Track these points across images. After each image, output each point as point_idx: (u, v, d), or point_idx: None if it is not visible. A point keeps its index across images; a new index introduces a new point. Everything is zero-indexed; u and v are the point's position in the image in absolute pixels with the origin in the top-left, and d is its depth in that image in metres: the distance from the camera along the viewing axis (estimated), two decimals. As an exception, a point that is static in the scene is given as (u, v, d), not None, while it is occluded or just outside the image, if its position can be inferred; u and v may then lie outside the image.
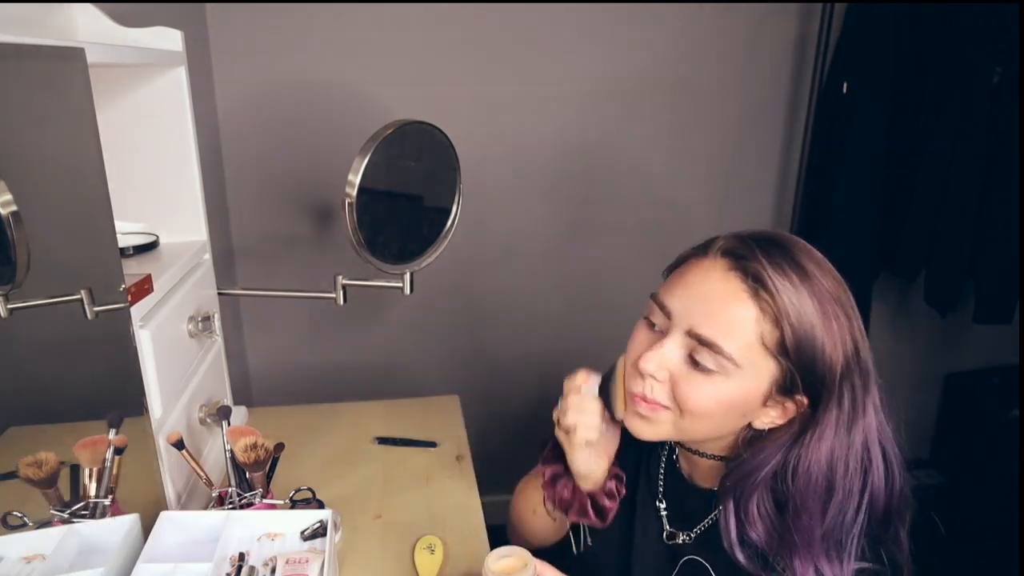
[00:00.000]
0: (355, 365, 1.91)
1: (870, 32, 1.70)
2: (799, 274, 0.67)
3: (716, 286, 0.69)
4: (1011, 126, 1.69)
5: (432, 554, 0.96)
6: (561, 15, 1.69)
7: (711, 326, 0.68)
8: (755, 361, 0.67)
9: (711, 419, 0.72)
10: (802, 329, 0.66)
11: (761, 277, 0.67)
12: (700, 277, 0.70)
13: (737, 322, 0.67)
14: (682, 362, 0.70)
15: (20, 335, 0.71)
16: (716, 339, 0.67)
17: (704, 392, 0.69)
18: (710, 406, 0.70)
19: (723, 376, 0.68)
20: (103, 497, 0.81)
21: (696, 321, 0.69)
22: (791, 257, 0.68)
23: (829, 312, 0.67)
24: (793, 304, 0.66)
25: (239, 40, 1.58)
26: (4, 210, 0.59)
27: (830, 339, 0.67)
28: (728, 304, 0.67)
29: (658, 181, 1.88)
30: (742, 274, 0.68)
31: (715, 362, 0.68)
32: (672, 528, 0.83)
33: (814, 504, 0.68)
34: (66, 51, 0.70)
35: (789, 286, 0.66)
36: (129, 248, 0.99)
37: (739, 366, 0.67)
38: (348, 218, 0.94)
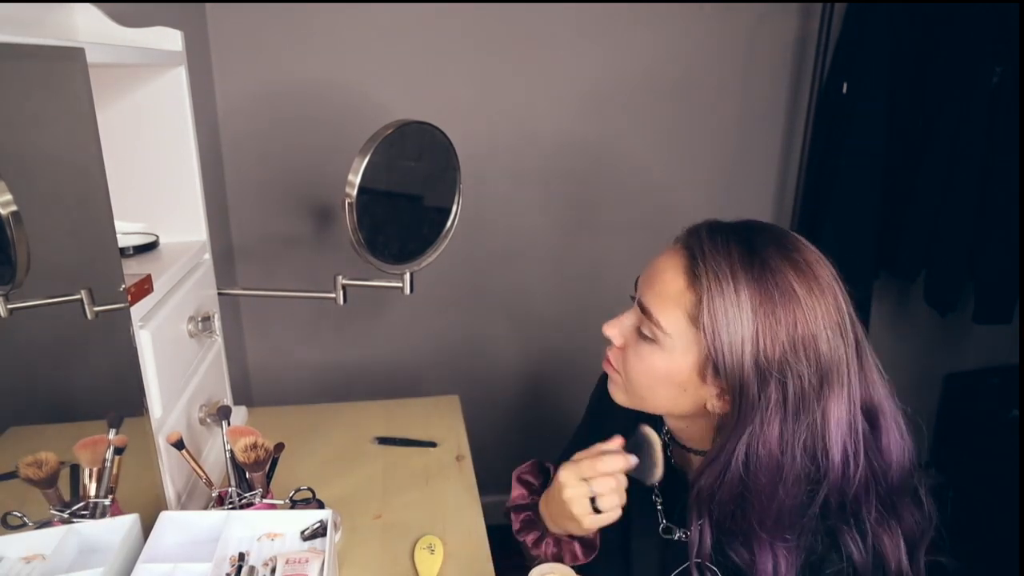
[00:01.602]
0: (355, 365, 1.91)
1: (870, 32, 1.70)
2: (745, 257, 0.67)
3: (665, 262, 0.73)
4: (1011, 126, 1.69)
5: (432, 554, 0.96)
6: (561, 15, 1.69)
7: (649, 296, 0.73)
8: (683, 333, 0.70)
9: (651, 388, 0.75)
10: (722, 309, 0.66)
11: (697, 253, 0.70)
12: (661, 256, 0.75)
13: (668, 293, 0.71)
14: (634, 331, 0.76)
15: (20, 335, 0.71)
16: (650, 307, 0.72)
17: (639, 359, 0.74)
18: (645, 373, 0.74)
19: (657, 346, 0.72)
20: (103, 497, 0.81)
21: (643, 293, 0.74)
22: (747, 240, 0.69)
23: (773, 299, 0.66)
24: (719, 283, 0.67)
25: (239, 40, 1.58)
26: (4, 210, 0.59)
27: (763, 327, 0.66)
28: (665, 276, 0.72)
29: (658, 181, 1.89)
30: (685, 250, 0.72)
31: (650, 330, 0.72)
32: (669, 523, 0.84)
33: (765, 486, 0.68)
34: (66, 51, 0.70)
35: (724, 266, 0.67)
36: (129, 248, 0.99)
37: (667, 334, 0.71)
38: (348, 218, 0.94)
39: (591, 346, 2.03)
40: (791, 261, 0.68)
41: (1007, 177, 1.73)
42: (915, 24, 1.71)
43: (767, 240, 0.70)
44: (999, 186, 1.75)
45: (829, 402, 0.67)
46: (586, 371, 2.14)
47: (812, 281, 0.68)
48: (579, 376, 2.07)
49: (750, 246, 0.69)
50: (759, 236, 0.70)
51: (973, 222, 1.78)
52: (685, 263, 0.70)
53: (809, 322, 0.66)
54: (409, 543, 0.99)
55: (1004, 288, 1.81)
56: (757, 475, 0.68)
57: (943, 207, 1.78)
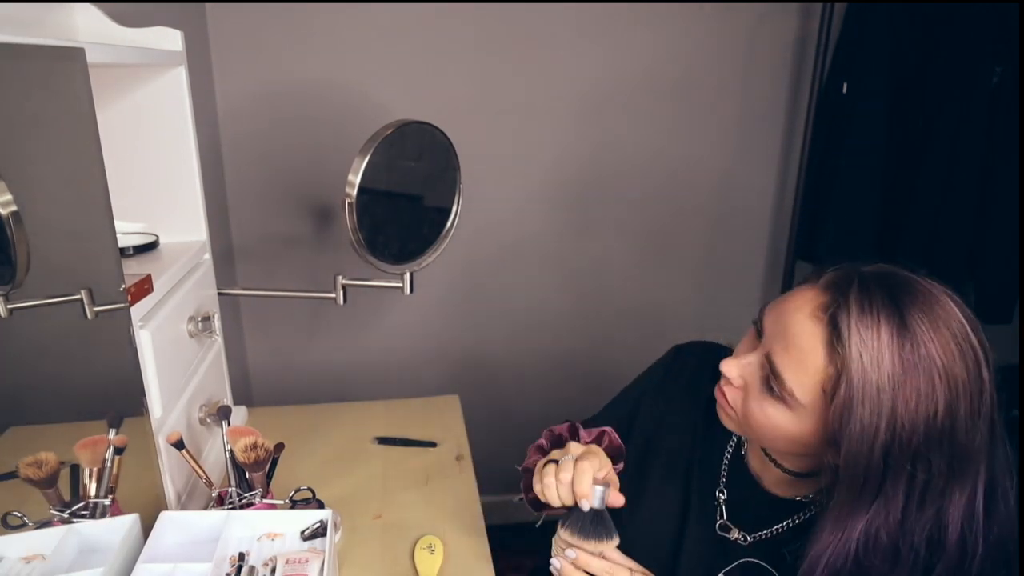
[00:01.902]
0: (355, 365, 1.91)
1: (870, 32, 1.70)
2: (894, 330, 0.62)
3: (800, 321, 0.67)
4: (1011, 126, 1.69)
5: (432, 554, 0.96)
6: (561, 15, 1.69)
7: (783, 358, 0.68)
8: (815, 404, 0.66)
9: (772, 440, 0.73)
10: (860, 396, 0.62)
11: (840, 326, 0.63)
12: (794, 306, 0.69)
13: (806, 362, 0.66)
14: (758, 378, 0.71)
15: (20, 335, 0.71)
16: (783, 372, 0.67)
17: (761, 413, 0.71)
18: (765, 427, 0.71)
19: (785, 406, 0.68)
20: (103, 497, 0.81)
21: (774, 347, 0.69)
22: (896, 308, 0.63)
23: (917, 383, 0.61)
24: (862, 366, 0.61)
25: (239, 40, 1.58)
26: (4, 210, 0.59)
27: (901, 415, 0.61)
28: (803, 343, 0.66)
29: (658, 181, 1.88)
30: (826, 316, 0.65)
31: (781, 392, 0.68)
32: (729, 521, 0.82)
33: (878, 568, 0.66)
34: (66, 51, 0.70)
35: (871, 344, 0.62)
36: (129, 248, 0.99)
37: (801, 404, 0.67)
38: (348, 218, 0.94)
39: (591, 345, 2.04)
40: (939, 332, 0.63)
41: (1007, 177, 1.73)
42: (915, 24, 1.71)
43: (914, 305, 0.64)
44: (999, 186, 1.75)
45: (955, 489, 0.64)
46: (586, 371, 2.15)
47: (958, 354, 0.63)
48: (579, 376, 2.08)
49: (900, 316, 0.63)
50: (906, 298, 0.64)
51: (973, 222, 1.78)
52: (825, 329, 0.64)
53: (950, 407, 0.62)
54: (409, 543, 0.99)
55: (1004, 288, 1.81)
56: (872, 559, 0.65)
57: (943, 207, 1.78)
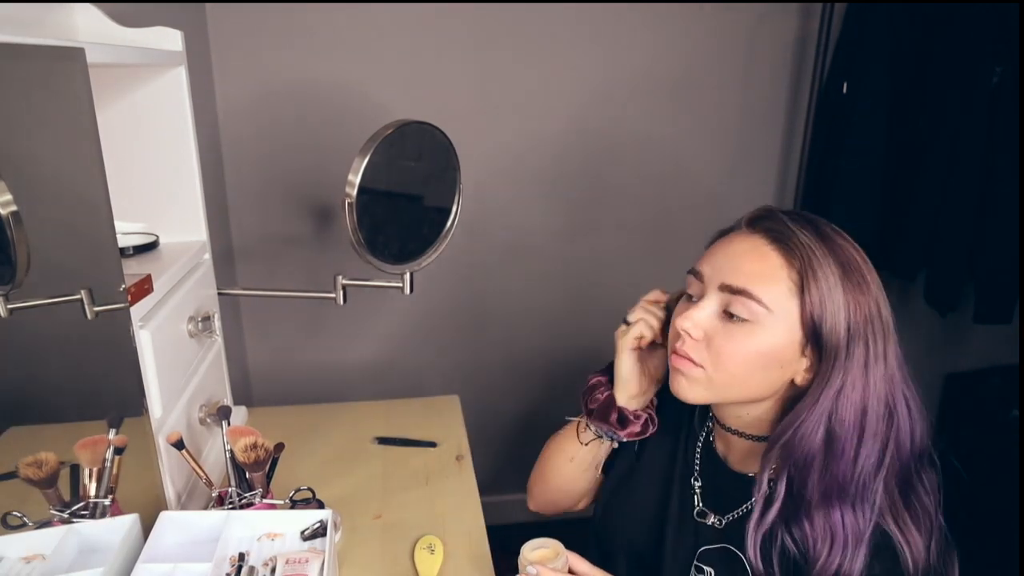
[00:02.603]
0: (355, 365, 1.91)
1: (870, 32, 1.70)
2: (820, 236, 0.71)
3: (743, 244, 0.74)
4: (1011, 126, 1.69)
5: (432, 554, 0.96)
6: (561, 15, 1.69)
7: (741, 276, 0.72)
8: (786, 307, 0.70)
9: (747, 374, 0.74)
10: (824, 279, 0.69)
11: (785, 233, 0.72)
12: (727, 241, 0.76)
13: (766, 270, 0.71)
14: (716, 317, 0.74)
15: (20, 335, 0.71)
16: (746, 285, 0.71)
17: (739, 342, 0.72)
18: (743, 357, 0.72)
19: (757, 325, 0.71)
20: (103, 497, 0.81)
21: (726, 275, 0.73)
22: (811, 221, 0.74)
23: (850, 271, 0.70)
24: (815, 255, 0.70)
25: (239, 40, 1.58)
26: (4, 210, 0.59)
27: (850, 294, 0.70)
28: (755, 255, 0.72)
29: (658, 181, 1.88)
30: (766, 232, 0.73)
31: (748, 310, 0.71)
32: (704, 507, 0.84)
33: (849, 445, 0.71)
34: (66, 51, 0.70)
35: (811, 242, 0.71)
36: (129, 248, 0.99)
37: (770, 310, 0.70)
38: (348, 218, 0.94)
39: (591, 345, 2.03)
40: (843, 237, 0.74)
41: (1007, 177, 1.73)
42: (915, 24, 1.71)
43: (821, 222, 0.74)
44: (999, 186, 1.75)
45: (891, 359, 0.72)
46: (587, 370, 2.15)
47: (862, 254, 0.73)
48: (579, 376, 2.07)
49: (817, 225, 0.73)
50: (815, 218, 0.75)
51: (973, 222, 1.78)
52: (770, 241, 0.72)
53: (873, 290, 0.71)
54: (409, 543, 0.99)
55: (1004, 288, 1.81)
56: (841, 432, 0.70)
57: (943, 207, 1.78)
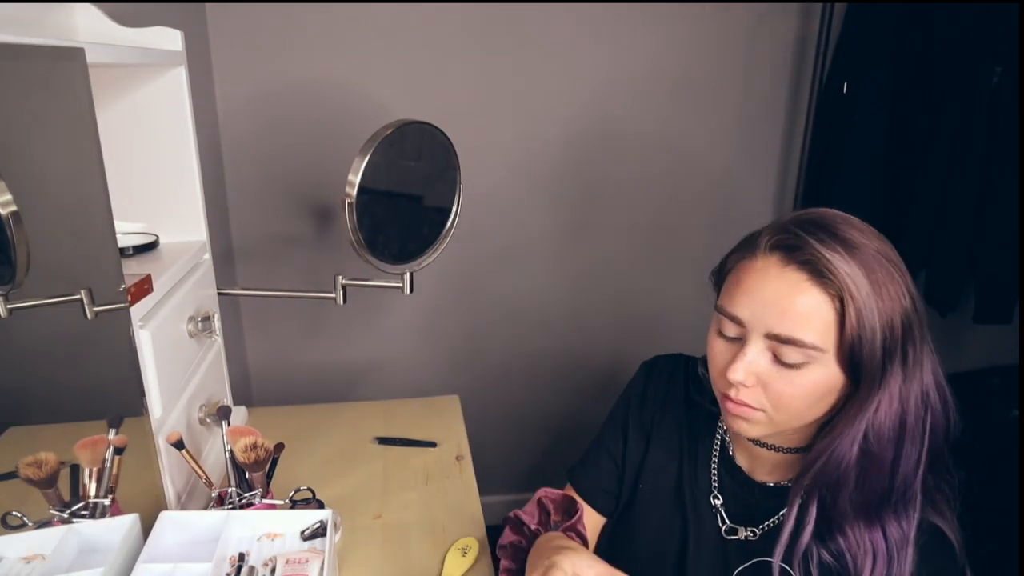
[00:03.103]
0: (355, 365, 1.91)
1: (870, 32, 1.70)
2: (846, 247, 0.68)
3: (778, 284, 0.70)
4: (1011, 126, 1.69)
5: (463, 556, 0.96)
6: (561, 15, 1.69)
7: (787, 323, 0.69)
8: (832, 340, 0.69)
9: (808, 408, 0.72)
10: (862, 303, 0.67)
11: (818, 260, 0.68)
12: (758, 280, 0.71)
13: (810, 312, 0.68)
14: (769, 364, 0.71)
15: (20, 335, 0.71)
16: (795, 334, 0.68)
17: (799, 386, 0.70)
18: (805, 397, 0.71)
19: (813, 364, 0.69)
20: (103, 497, 0.81)
21: (771, 323, 0.70)
22: (833, 232, 0.70)
23: (880, 273, 0.68)
24: (849, 276, 0.67)
25: (239, 40, 1.58)
26: (4, 210, 0.59)
27: (887, 301, 0.68)
28: (795, 298, 0.68)
29: (658, 181, 1.88)
30: (798, 265, 0.69)
31: (802, 355, 0.69)
32: (732, 523, 0.83)
33: (886, 457, 0.70)
34: (66, 51, 0.70)
35: (843, 261, 0.67)
36: (129, 248, 0.98)
37: (824, 351, 0.68)
38: (348, 218, 0.94)
39: (592, 346, 2.04)
40: (869, 238, 0.71)
41: (1007, 177, 1.73)
42: (915, 24, 1.71)
43: (840, 222, 0.71)
44: (999, 186, 1.75)
45: (924, 356, 0.71)
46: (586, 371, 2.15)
47: (889, 253, 0.71)
48: (579, 376, 2.07)
49: (841, 235, 0.70)
50: (833, 221, 0.72)
51: (973, 222, 1.78)
52: (808, 275, 0.68)
53: (902, 284, 0.69)
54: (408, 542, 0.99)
55: (1004, 288, 1.81)
56: (879, 447, 0.70)
57: (943, 207, 1.78)
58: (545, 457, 2.13)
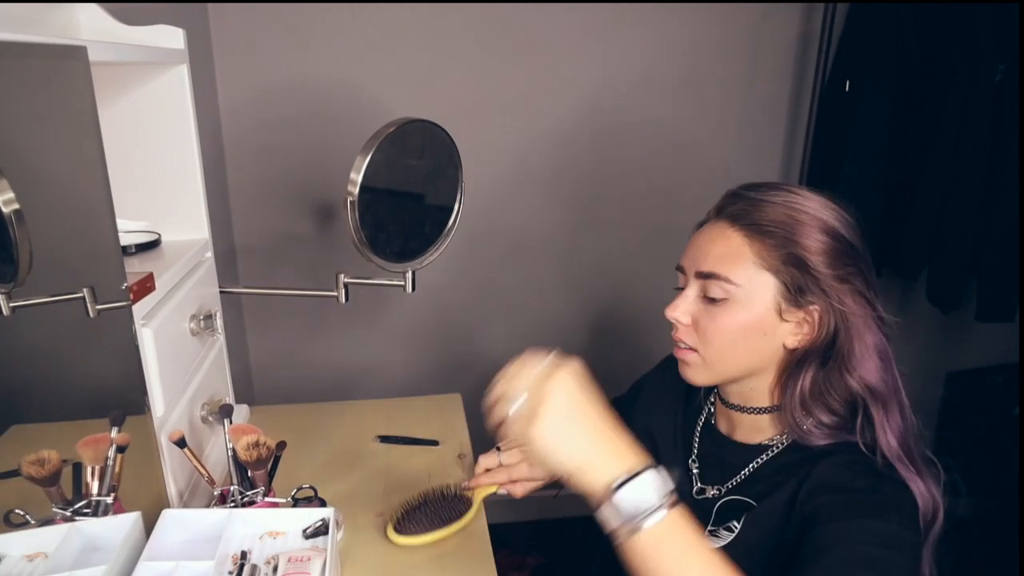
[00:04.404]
0: (357, 363, 1.91)
1: (873, 30, 1.70)
2: (772, 192, 0.79)
3: (709, 232, 0.81)
4: (1013, 124, 1.69)
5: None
6: (563, 13, 1.69)
7: (709, 261, 0.79)
8: (754, 278, 0.76)
9: (733, 346, 0.79)
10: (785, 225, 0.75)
11: (739, 210, 0.79)
12: (700, 232, 0.83)
13: (729, 250, 0.78)
14: (698, 302, 0.81)
15: (22, 333, 0.71)
16: (714, 268, 0.78)
17: (715, 322, 0.79)
18: (726, 331, 0.78)
19: (732, 301, 0.77)
20: (105, 495, 0.81)
21: (699, 263, 0.80)
22: (768, 184, 0.81)
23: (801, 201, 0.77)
24: (769, 212, 0.77)
25: (241, 38, 1.58)
26: (6, 208, 0.59)
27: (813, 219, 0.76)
28: (718, 239, 0.79)
29: (660, 179, 1.88)
30: (727, 216, 0.80)
31: (721, 290, 0.77)
32: (702, 484, 0.87)
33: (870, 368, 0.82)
34: (68, 49, 0.70)
35: (762, 202, 0.78)
36: (131, 246, 0.98)
37: (739, 285, 0.76)
38: (350, 216, 0.94)
39: (593, 342, 2.03)
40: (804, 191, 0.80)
41: (1010, 175, 1.73)
42: (917, 22, 1.71)
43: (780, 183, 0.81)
44: (1002, 184, 1.74)
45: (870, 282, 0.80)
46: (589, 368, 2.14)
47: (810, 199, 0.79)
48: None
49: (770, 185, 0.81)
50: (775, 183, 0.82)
51: (976, 220, 1.78)
52: (731, 223, 0.78)
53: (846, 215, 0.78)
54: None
55: (1007, 286, 1.81)
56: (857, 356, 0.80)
57: (946, 205, 1.78)
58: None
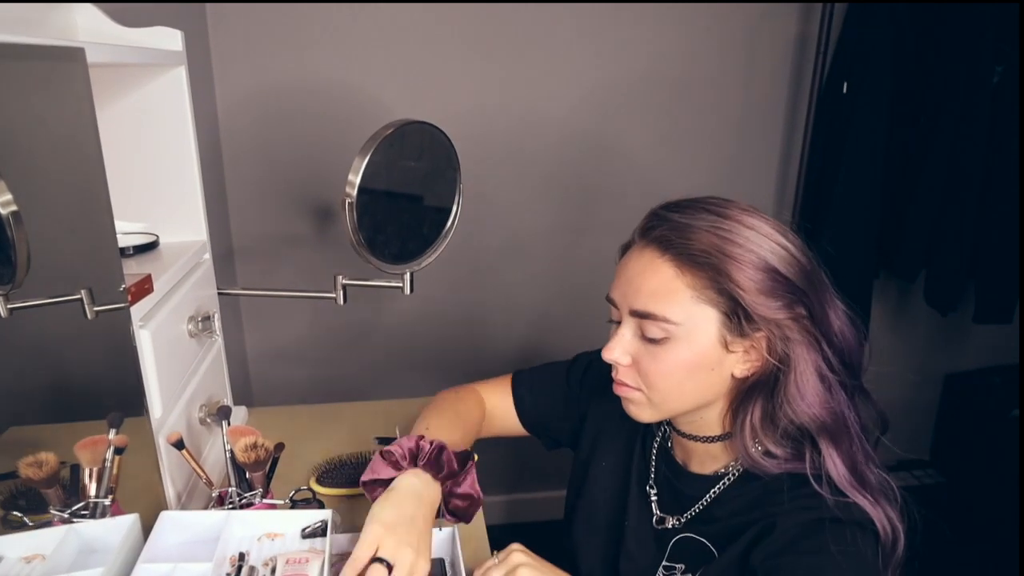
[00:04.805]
0: (355, 365, 1.91)
1: (870, 31, 1.70)
2: (698, 214, 0.71)
3: (637, 262, 0.74)
4: (1011, 126, 1.69)
5: None
6: (561, 15, 1.69)
7: (642, 298, 0.72)
8: (694, 313, 0.70)
9: (680, 386, 0.74)
10: (715, 257, 0.68)
11: (666, 236, 0.71)
12: (625, 262, 0.77)
13: (662, 285, 0.71)
14: (637, 341, 0.75)
15: (20, 335, 0.71)
16: (649, 308, 0.71)
17: (663, 361, 0.72)
18: (671, 373, 0.73)
19: (673, 340, 0.71)
20: (103, 497, 0.81)
21: (631, 300, 0.73)
22: (694, 205, 0.73)
23: (733, 229, 0.69)
24: (697, 242, 0.69)
25: (239, 40, 1.58)
26: (4, 210, 0.59)
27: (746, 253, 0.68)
28: (647, 272, 0.72)
29: (658, 180, 1.88)
30: (654, 242, 0.72)
31: (660, 329, 0.71)
32: (662, 513, 0.84)
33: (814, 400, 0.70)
34: (66, 51, 0.70)
35: (688, 227, 0.70)
36: (129, 248, 0.98)
37: (679, 323, 0.70)
38: (348, 218, 0.94)
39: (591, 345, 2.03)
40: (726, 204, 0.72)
41: (1008, 176, 1.73)
42: (915, 24, 1.71)
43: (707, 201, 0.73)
44: (1000, 185, 1.75)
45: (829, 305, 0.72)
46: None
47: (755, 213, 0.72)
48: (579, 376, 2.07)
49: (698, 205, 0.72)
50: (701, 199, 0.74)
51: (974, 222, 1.78)
52: (660, 252, 0.71)
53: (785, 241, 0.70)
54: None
55: (1005, 288, 1.81)
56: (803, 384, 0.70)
57: (944, 207, 1.78)
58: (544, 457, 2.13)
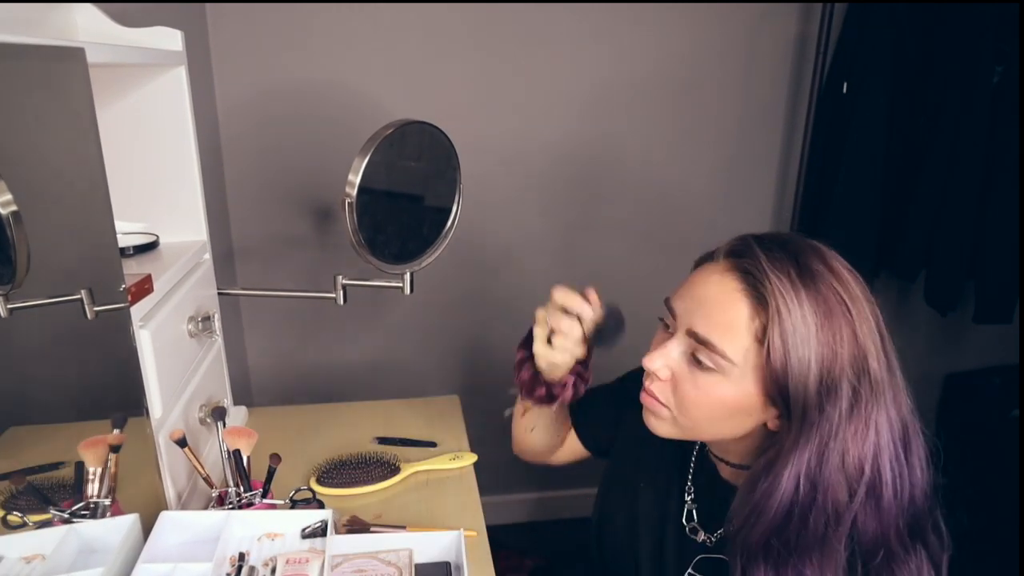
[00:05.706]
0: (355, 365, 1.91)
1: (870, 32, 1.70)
2: (802, 273, 0.66)
3: (714, 286, 0.69)
4: (1011, 126, 1.69)
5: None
6: (561, 15, 1.69)
7: (707, 325, 0.68)
8: (750, 359, 0.67)
9: (710, 419, 0.72)
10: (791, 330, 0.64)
11: (757, 276, 0.66)
12: (702, 279, 0.71)
13: (733, 321, 0.67)
14: (684, 361, 0.72)
15: (20, 335, 0.71)
16: (711, 338, 0.68)
17: (703, 392, 0.70)
18: (708, 405, 0.70)
19: (721, 375, 0.68)
20: (103, 497, 0.81)
21: (694, 321, 0.70)
22: (793, 254, 0.67)
23: (831, 315, 0.65)
24: (787, 304, 0.64)
25: (239, 40, 1.58)
26: (4, 210, 0.59)
27: (826, 345, 0.64)
28: (723, 303, 0.68)
29: (658, 181, 1.88)
30: (739, 273, 0.68)
31: (712, 360, 0.68)
32: (697, 523, 0.83)
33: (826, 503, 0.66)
34: (66, 51, 0.70)
35: (788, 285, 0.65)
36: (129, 248, 0.98)
37: (735, 364, 0.67)
38: (348, 218, 0.94)
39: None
40: (836, 275, 0.67)
41: (1008, 177, 1.73)
42: (915, 24, 1.71)
43: (810, 254, 0.68)
44: (999, 186, 1.75)
45: (880, 416, 0.67)
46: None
47: (855, 296, 0.67)
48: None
49: (801, 261, 0.67)
50: (802, 250, 0.68)
51: (974, 222, 1.78)
52: (743, 286, 0.67)
53: (859, 337, 0.66)
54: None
55: (1004, 288, 1.81)
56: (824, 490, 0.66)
57: (943, 207, 1.78)
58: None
